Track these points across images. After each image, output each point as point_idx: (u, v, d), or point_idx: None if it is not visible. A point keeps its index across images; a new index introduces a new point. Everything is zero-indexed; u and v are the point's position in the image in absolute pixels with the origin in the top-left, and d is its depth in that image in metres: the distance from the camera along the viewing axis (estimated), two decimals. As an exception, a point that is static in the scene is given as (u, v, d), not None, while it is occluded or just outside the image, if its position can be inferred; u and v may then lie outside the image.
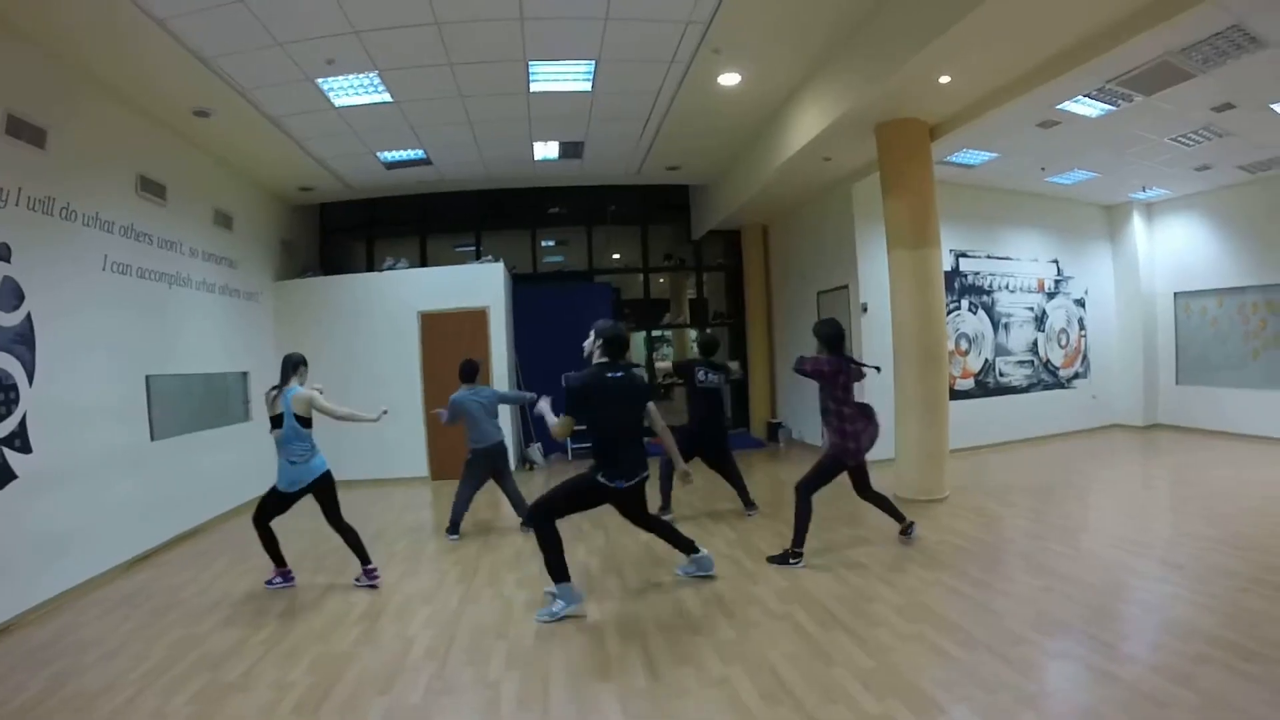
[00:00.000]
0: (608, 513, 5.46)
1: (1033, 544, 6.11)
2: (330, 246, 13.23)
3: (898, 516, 6.28)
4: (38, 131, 6.13)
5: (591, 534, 7.03)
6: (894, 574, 5.48)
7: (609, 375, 5.03)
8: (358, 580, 5.94)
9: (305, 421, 5.79)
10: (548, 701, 3.78)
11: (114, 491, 6.86)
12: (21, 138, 5.97)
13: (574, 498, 5.20)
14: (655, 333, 15.82)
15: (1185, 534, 6.17)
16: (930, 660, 3.99)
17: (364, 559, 5.97)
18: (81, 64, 6.63)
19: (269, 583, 6.05)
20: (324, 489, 5.86)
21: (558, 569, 5.01)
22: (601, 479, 5.03)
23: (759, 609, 4.92)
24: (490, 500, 8.25)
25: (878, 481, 6.33)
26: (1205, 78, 7.16)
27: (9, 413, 5.69)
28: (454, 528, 7.40)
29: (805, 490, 5.95)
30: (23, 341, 5.88)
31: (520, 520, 7.49)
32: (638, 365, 7.58)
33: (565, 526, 5.14)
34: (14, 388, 5.75)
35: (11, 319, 5.79)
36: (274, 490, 5.87)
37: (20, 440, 5.77)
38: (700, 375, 7.47)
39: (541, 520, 5.08)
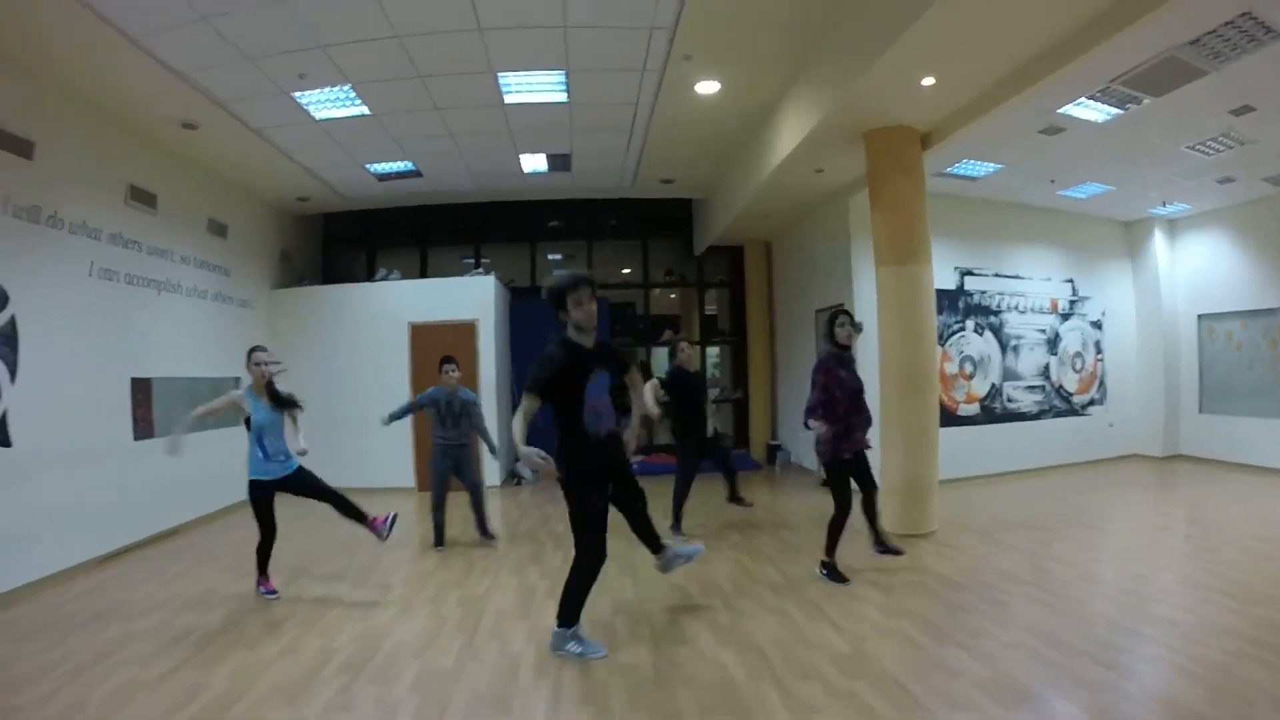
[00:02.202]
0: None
1: (1013, 590, 5.55)
2: (332, 256, 13.35)
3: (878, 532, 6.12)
4: (24, 143, 6.39)
5: (552, 553, 6.92)
6: (847, 618, 5.04)
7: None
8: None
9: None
10: (436, 728, 3.64)
11: (91, 489, 7.04)
12: (8, 149, 6.22)
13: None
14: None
15: (1186, 583, 5.58)
16: None
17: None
18: (66, 80, 6.79)
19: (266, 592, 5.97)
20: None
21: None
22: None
23: (688, 649, 4.60)
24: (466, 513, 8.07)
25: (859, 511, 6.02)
26: (1218, 76, 6.63)
27: (-11, 409, 5.90)
28: (438, 539, 7.43)
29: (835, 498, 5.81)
30: (5, 343, 6.14)
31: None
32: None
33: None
34: (-5, 384, 5.95)
35: (-6, 321, 5.99)
36: None
37: (0, 435, 6.02)
38: None
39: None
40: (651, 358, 14.50)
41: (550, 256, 14.16)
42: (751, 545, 7.10)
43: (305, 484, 5.84)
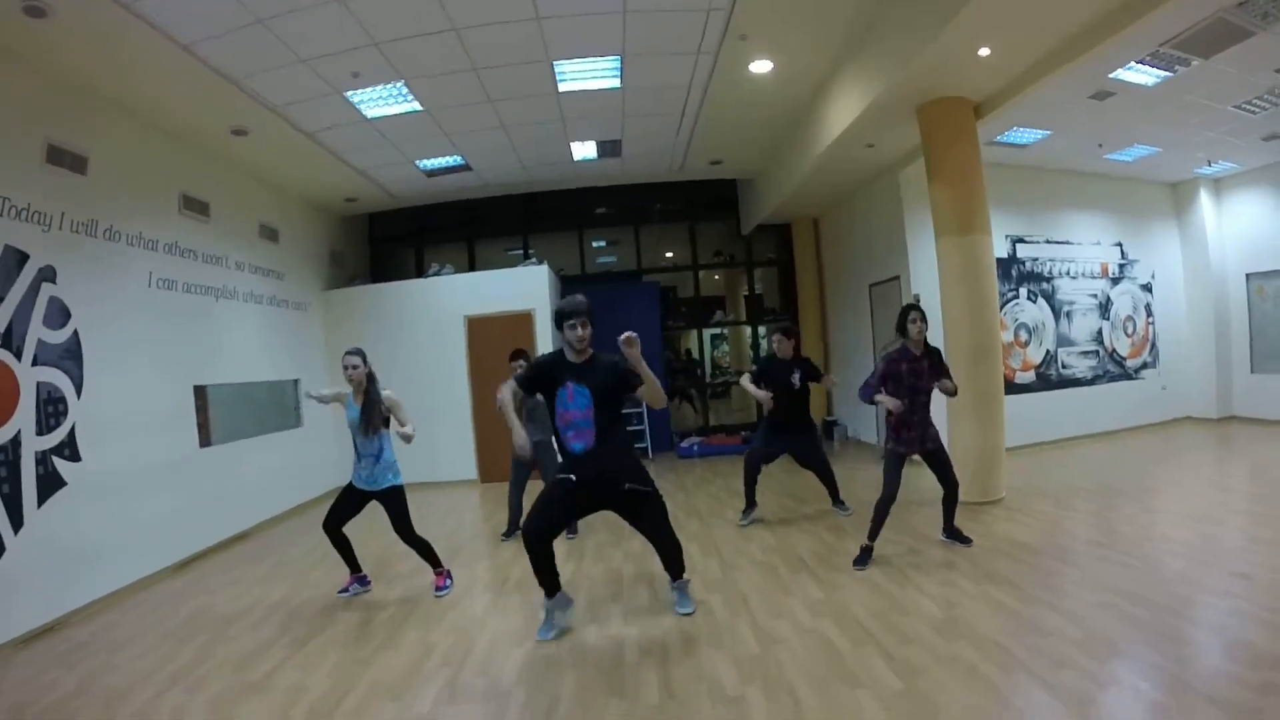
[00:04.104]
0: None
1: (1090, 552, 5.61)
2: (380, 255, 13.45)
3: (950, 516, 6.06)
4: (78, 159, 6.41)
5: (630, 538, 6.92)
6: (936, 585, 5.11)
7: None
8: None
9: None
10: (554, 717, 3.67)
11: (162, 497, 7.13)
12: (62, 165, 6.25)
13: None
14: (713, 331, 15.64)
15: (1256, 540, 5.61)
16: (964, 685, 3.62)
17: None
18: (117, 91, 6.81)
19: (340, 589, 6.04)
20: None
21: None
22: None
23: (788, 622, 4.66)
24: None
25: (928, 480, 6.05)
26: (1266, 35, 6.64)
27: (58, 424, 6.00)
28: (510, 530, 7.38)
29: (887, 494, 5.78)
30: (70, 357, 6.18)
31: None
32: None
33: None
34: (63, 400, 6.05)
35: (59, 336, 6.08)
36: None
37: (69, 450, 6.08)
38: None
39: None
40: (704, 340, 14.58)
41: (595, 243, 14.20)
42: (827, 521, 7.12)
43: (390, 510, 5.74)
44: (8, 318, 5.58)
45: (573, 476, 4.63)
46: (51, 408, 5.92)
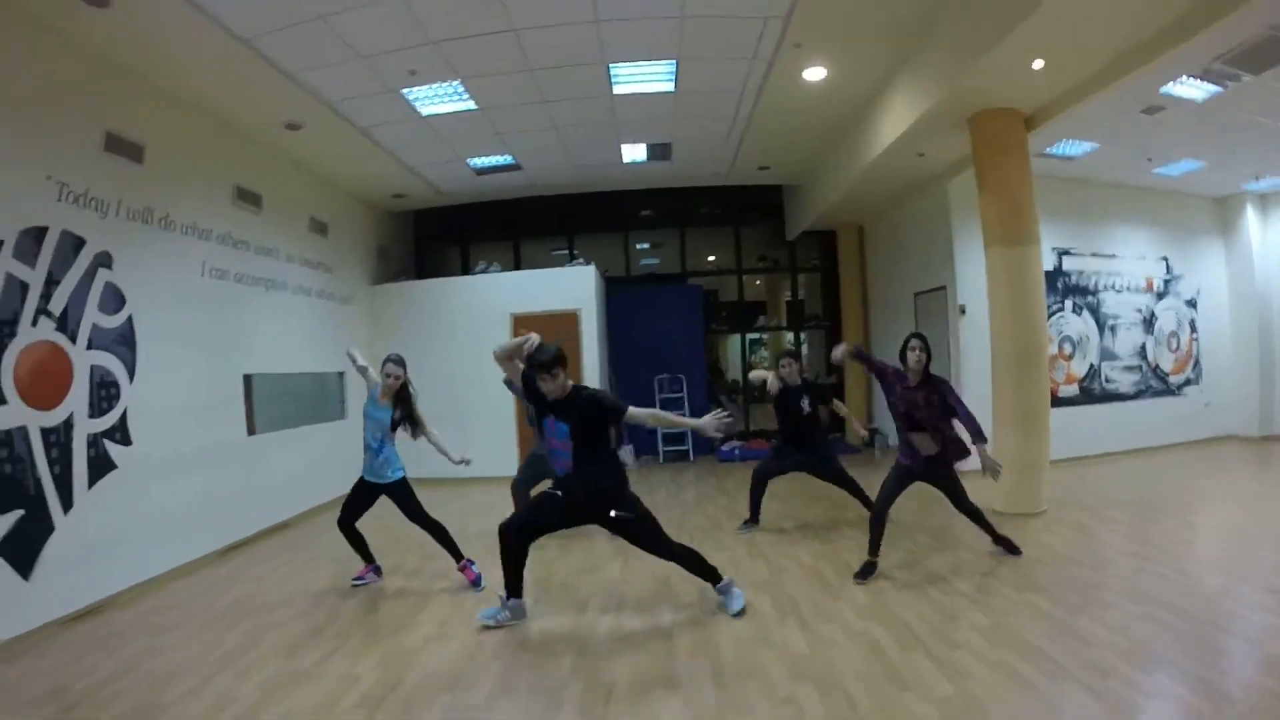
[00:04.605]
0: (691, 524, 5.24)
1: (1132, 565, 5.64)
2: (424, 252, 13.58)
3: (989, 530, 6.05)
4: (135, 147, 6.49)
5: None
6: (982, 594, 5.15)
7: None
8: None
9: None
10: (608, 710, 3.70)
11: (209, 483, 7.23)
12: (120, 153, 6.32)
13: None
14: (751, 336, 15.63)
15: None
16: (1012, 690, 3.67)
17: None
18: (176, 83, 6.91)
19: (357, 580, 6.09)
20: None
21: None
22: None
23: (837, 625, 4.70)
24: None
25: (970, 492, 6.04)
26: None
27: (110, 408, 6.08)
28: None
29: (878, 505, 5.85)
30: (124, 342, 6.27)
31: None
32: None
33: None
34: (115, 384, 6.14)
35: (113, 321, 6.17)
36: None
37: (121, 433, 6.17)
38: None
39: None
40: (745, 345, 14.63)
41: (639, 245, 14.31)
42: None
43: (402, 501, 5.89)
44: (64, 301, 5.66)
45: (559, 493, 4.91)
46: (104, 391, 6.02)
